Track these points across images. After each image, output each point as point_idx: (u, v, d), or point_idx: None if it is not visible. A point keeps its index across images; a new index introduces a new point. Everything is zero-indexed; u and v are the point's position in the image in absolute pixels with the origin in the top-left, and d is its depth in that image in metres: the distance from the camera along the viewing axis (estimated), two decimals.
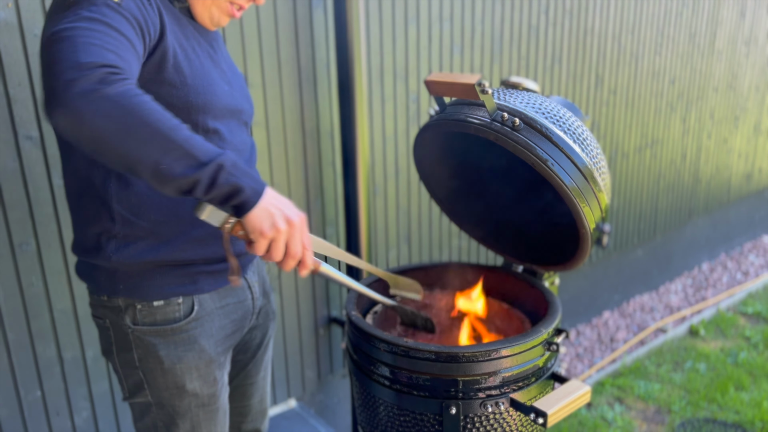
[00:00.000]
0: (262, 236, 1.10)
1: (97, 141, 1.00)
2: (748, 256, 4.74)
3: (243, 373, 1.60)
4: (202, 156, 1.02)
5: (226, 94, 1.31)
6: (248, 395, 1.64)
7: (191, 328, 1.33)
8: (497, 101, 1.21)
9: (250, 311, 1.47)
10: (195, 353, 1.34)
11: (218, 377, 1.39)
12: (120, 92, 0.99)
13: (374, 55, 2.43)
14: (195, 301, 1.33)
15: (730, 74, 4.13)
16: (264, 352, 1.62)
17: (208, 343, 1.35)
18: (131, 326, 1.31)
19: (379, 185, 2.59)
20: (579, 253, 1.27)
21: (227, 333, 1.40)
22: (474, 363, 1.13)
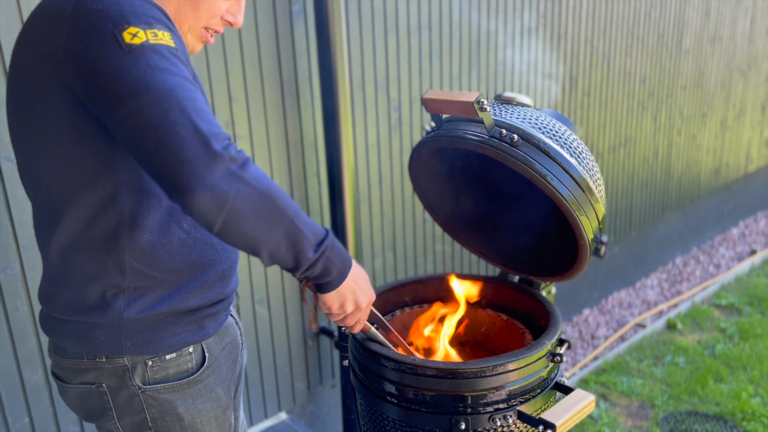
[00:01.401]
0: (329, 311, 1.20)
1: (229, 223, 0.99)
2: (719, 249, 4.86)
3: None
4: (315, 241, 1.07)
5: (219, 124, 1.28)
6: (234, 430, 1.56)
7: (205, 377, 1.26)
8: (494, 117, 1.23)
9: (240, 346, 1.41)
10: (213, 403, 1.27)
11: (233, 420, 1.34)
12: (254, 175, 0.99)
13: (355, 66, 2.43)
14: (204, 348, 1.26)
15: (697, 72, 4.24)
16: (241, 383, 1.52)
17: (222, 389, 1.29)
18: (140, 386, 1.20)
19: (363, 194, 2.60)
20: (577, 264, 1.29)
21: (234, 374, 1.35)
22: (481, 378, 1.14)
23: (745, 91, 4.78)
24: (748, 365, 3.29)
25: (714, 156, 4.68)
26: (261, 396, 2.47)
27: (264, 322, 2.41)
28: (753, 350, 3.43)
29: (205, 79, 2.07)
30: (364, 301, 1.20)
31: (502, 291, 1.53)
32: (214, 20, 1.21)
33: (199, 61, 2.04)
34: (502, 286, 1.53)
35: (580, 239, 1.22)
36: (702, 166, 4.59)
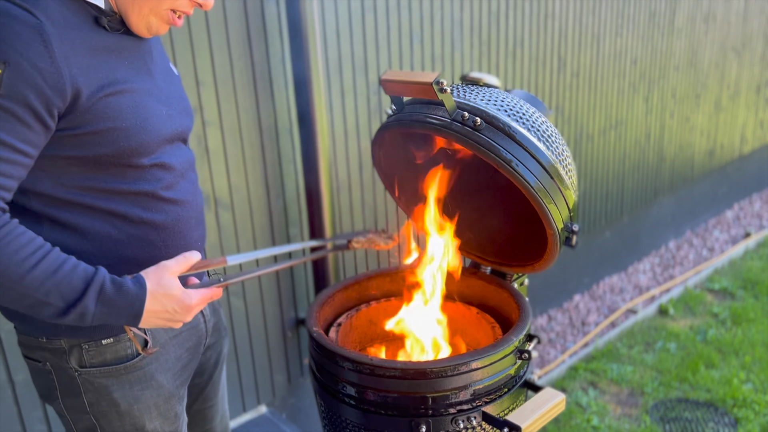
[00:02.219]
0: None
1: None
2: (713, 232, 4.79)
3: (201, 397, 1.51)
4: (61, 303, 1.04)
5: (164, 121, 1.21)
6: (209, 418, 1.55)
7: (146, 364, 1.24)
8: (457, 99, 1.15)
9: (204, 334, 1.39)
10: (153, 390, 1.25)
11: (179, 411, 1.31)
12: None
13: (331, 48, 2.34)
14: (147, 334, 1.23)
15: (690, 52, 4.14)
16: (220, 371, 1.54)
17: (165, 378, 1.26)
18: (77, 368, 1.20)
19: (343, 181, 2.52)
20: (547, 255, 1.22)
21: (184, 363, 1.32)
22: (443, 378, 1.08)
23: (740, 71, 4.68)
24: (740, 350, 3.24)
25: (708, 138, 4.60)
26: (239, 389, 2.41)
27: (240, 315, 2.34)
28: (745, 335, 3.37)
29: None
30: (183, 317, 1.14)
31: (473, 283, 1.45)
32: (179, 1, 1.16)
33: (163, 43, 1.95)
34: (473, 278, 1.45)
35: (549, 228, 1.14)
36: (696, 148, 4.51)
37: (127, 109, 1.13)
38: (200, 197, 1.34)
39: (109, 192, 1.16)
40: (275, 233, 2.37)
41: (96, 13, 1.12)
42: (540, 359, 3.37)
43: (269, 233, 2.35)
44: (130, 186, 1.17)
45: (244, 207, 2.26)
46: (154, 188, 1.20)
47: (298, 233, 2.44)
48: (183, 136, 1.29)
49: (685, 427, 2.74)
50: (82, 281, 1.05)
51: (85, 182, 1.14)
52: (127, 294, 1.08)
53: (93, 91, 1.07)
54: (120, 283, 1.08)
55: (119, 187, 1.16)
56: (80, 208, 1.14)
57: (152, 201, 1.20)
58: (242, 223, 2.27)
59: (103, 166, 1.13)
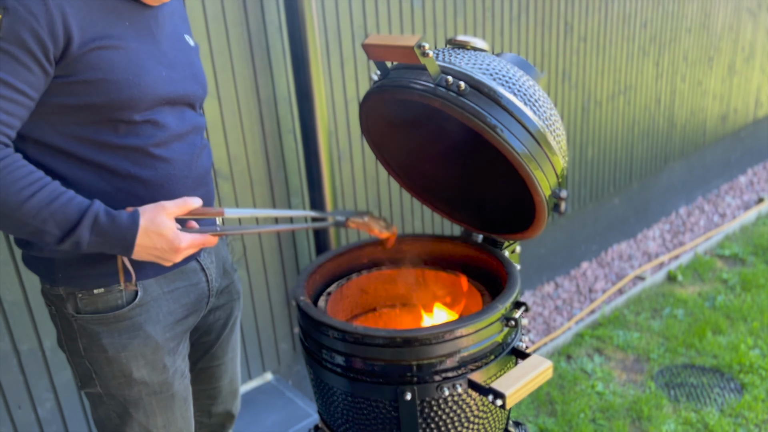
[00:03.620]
0: None
1: None
2: (725, 198, 4.73)
3: (208, 355, 1.56)
4: (57, 231, 1.12)
5: (163, 82, 1.24)
6: (216, 377, 1.61)
7: (135, 314, 1.29)
8: (441, 63, 1.13)
9: (206, 294, 1.42)
10: (140, 340, 1.30)
11: (169, 364, 1.35)
12: None
13: (329, 15, 2.31)
14: (138, 287, 1.29)
15: (702, 14, 4.03)
16: (230, 332, 1.58)
17: (154, 330, 1.31)
18: (74, 314, 1.29)
19: (344, 151, 2.50)
20: (536, 222, 1.20)
21: (177, 318, 1.36)
22: (428, 346, 1.08)
23: (755, 33, 4.56)
24: (748, 316, 3.21)
25: (721, 102, 4.51)
26: (244, 357, 2.44)
27: (243, 284, 2.36)
28: (755, 301, 3.35)
29: None
30: (171, 257, 1.19)
31: (464, 251, 1.45)
32: None
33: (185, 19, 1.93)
34: (464, 246, 1.45)
35: (536, 195, 1.13)
36: (708, 113, 4.42)
37: (120, 63, 1.17)
38: (204, 161, 1.37)
39: (100, 144, 1.20)
40: (276, 203, 2.37)
41: None
42: (546, 326, 3.38)
43: (270, 203, 2.35)
44: (121, 140, 1.21)
45: (244, 177, 2.26)
46: (145, 144, 1.23)
47: (300, 203, 2.43)
48: (188, 100, 1.32)
49: (690, 393, 2.74)
50: (77, 212, 1.13)
51: (78, 132, 1.19)
52: (120, 226, 1.15)
53: (84, 41, 1.12)
54: (114, 216, 1.15)
55: (110, 141, 1.21)
56: (73, 159, 1.20)
57: (141, 156, 1.24)
58: (242, 193, 2.27)
59: (95, 117, 1.18)
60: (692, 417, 2.59)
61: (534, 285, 3.64)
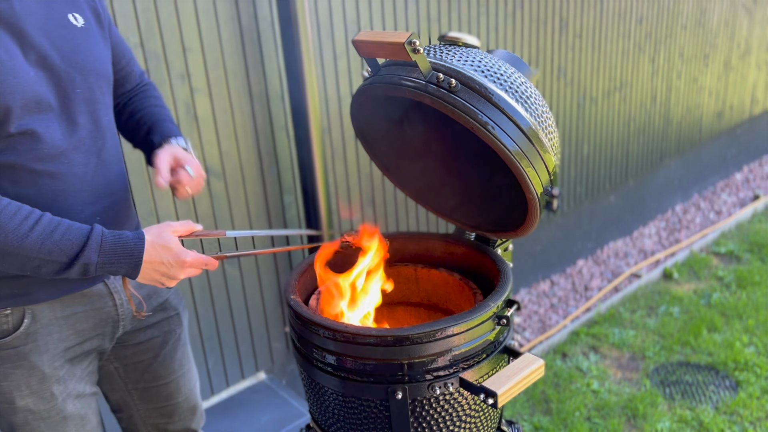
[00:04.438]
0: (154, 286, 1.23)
1: None
2: (721, 195, 4.73)
3: (149, 374, 1.48)
4: (64, 258, 1.09)
5: (33, 83, 1.11)
6: (166, 395, 1.53)
7: (19, 343, 1.22)
8: (432, 60, 1.11)
9: (113, 318, 1.34)
10: (24, 370, 1.23)
11: (57, 392, 1.28)
12: None
13: (322, 9, 2.29)
14: (26, 313, 1.22)
15: (698, 10, 4.02)
16: (173, 350, 1.50)
17: (40, 360, 1.24)
18: None
19: (338, 148, 2.49)
20: (528, 220, 1.19)
21: (70, 345, 1.29)
22: (420, 345, 1.07)
23: (750, 30, 4.55)
24: (744, 314, 3.21)
25: (717, 99, 4.50)
26: (236, 356, 2.43)
27: (235, 283, 2.35)
28: (750, 298, 3.34)
29: (154, 29, 1.94)
30: (176, 272, 1.18)
31: (456, 249, 1.43)
32: None
33: (146, 9, 1.92)
34: (457, 244, 1.43)
35: (528, 193, 1.12)
36: (704, 110, 4.41)
37: None
38: (110, 169, 1.27)
39: None
40: (269, 201, 2.35)
41: None
42: (541, 324, 3.37)
43: (263, 201, 2.34)
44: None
45: (236, 175, 2.24)
46: (23, 160, 1.13)
47: (293, 201, 2.42)
48: (76, 97, 1.18)
49: (685, 391, 2.74)
50: (81, 236, 1.11)
51: None
52: (126, 243, 1.14)
53: None
54: (119, 234, 1.14)
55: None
56: None
57: (21, 174, 1.14)
58: (235, 191, 2.25)
59: None
60: (687, 415, 2.58)
61: (530, 283, 3.63)
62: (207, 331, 2.32)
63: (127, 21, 1.89)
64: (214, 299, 2.30)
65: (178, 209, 2.14)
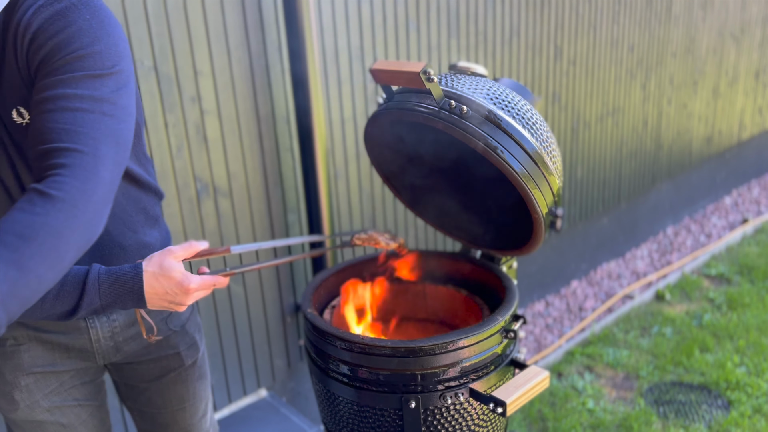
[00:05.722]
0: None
1: None
2: (711, 218, 4.82)
3: (143, 398, 1.50)
4: (68, 307, 1.10)
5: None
6: (161, 424, 1.53)
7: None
8: (444, 88, 1.18)
9: (89, 350, 1.36)
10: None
11: (19, 398, 1.32)
12: None
13: (327, 36, 2.37)
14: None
15: (687, 39, 4.15)
16: (172, 384, 1.49)
17: (3, 365, 1.30)
18: None
19: (340, 169, 2.55)
20: (533, 238, 1.26)
21: (36, 363, 1.32)
22: (432, 356, 1.12)
23: (738, 58, 4.69)
24: (734, 335, 3.28)
25: (706, 124, 4.62)
26: (239, 373, 2.46)
27: (239, 300, 2.39)
28: (740, 320, 3.41)
29: (167, 53, 2.02)
30: (182, 299, 1.17)
31: (463, 267, 1.49)
32: None
33: (160, 34, 1.99)
34: (463, 262, 1.49)
35: (534, 213, 1.18)
36: (693, 135, 4.53)
37: None
38: None
39: None
40: (273, 220, 2.41)
41: None
42: (537, 344, 3.42)
43: (268, 220, 2.39)
44: None
45: (242, 194, 2.30)
46: None
47: (296, 220, 2.48)
48: None
49: (678, 410, 2.79)
50: (78, 284, 1.11)
51: None
52: (124, 280, 1.13)
53: None
54: (116, 272, 1.14)
55: None
56: None
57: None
58: (241, 210, 2.31)
59: None
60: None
61: (525, 303, 3.69)
62: (211, 347, 2.35)
63: (142, 45, 1.96)
64: (218, 316, 2.35)
65: (186, 228, 2.19)
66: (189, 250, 1.20)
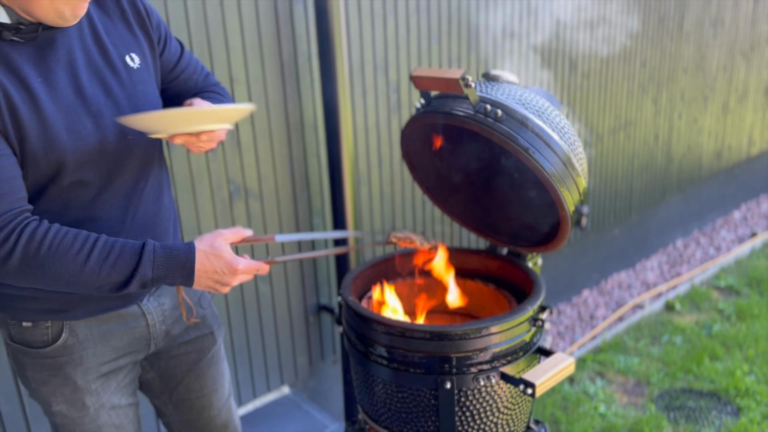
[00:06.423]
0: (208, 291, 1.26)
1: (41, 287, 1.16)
2: (720, 232, 4.89)
3: (182, 386, 1.56)
4: (122, 278, 1.15)
5: (89, 135, 1.19)
6: (198, 408, 1.59)
7: (56, 355, 1.32)
8: (480, 94, 1.28)
9: (145, 337, 1.42)
10: (59, 380, 1.33)
11: (90, 402, 1.37)
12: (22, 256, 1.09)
13: (354, 48, 2.48)
14: (65, 328, 1.31)
15: (698, 55, 4.25)
16: (207, 366, 1.56)
17: (74, 372, 1.33)
18: (8, 341, 1.34)
19: (363, 174, 2.65)
20: (560, 235, 1.35)
21: (103, 360, 1.37)
22: (466, 340, 1.21)
23: (748, 75, 4.78)
24: (744, 344, 3.34)
25: (716, 139, 4.70)
26: (264, 370, 2.55)
27: (266, 299, 2.48)
28: (749, 330, 3.48)
29: (206, 61, 2.12)
30: (229, 279, 1.22)
31: (490, 263, 1.58)
32: None
33: (200, 43, 2.10)
34: (490, 258, 1.58)
35: (562, 211, 1.27)
36: (703, 149, 4.61)
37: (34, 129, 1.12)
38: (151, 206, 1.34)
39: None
40: (300, 222, 2.51)
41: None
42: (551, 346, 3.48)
43: (294, 222, 2.49)
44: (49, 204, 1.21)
45: (271, 197, 2.40)
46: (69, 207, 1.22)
47: (320, 223, 2.57)
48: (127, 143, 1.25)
49: (689, 415, 2.85)
50: (134, 254, 1.16)
51: None
52: (178, 255, 1.19)
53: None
54: (170, 247, 1.20)
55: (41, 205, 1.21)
56: None
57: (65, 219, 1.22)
58: (270, 211, 2.41)
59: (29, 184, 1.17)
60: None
61: None
62: (238, 343, 2.44)
63: None
64: (246, 313, 2.44)
65: (219, 227, 2.29)
66: (237, 235, 1.27)
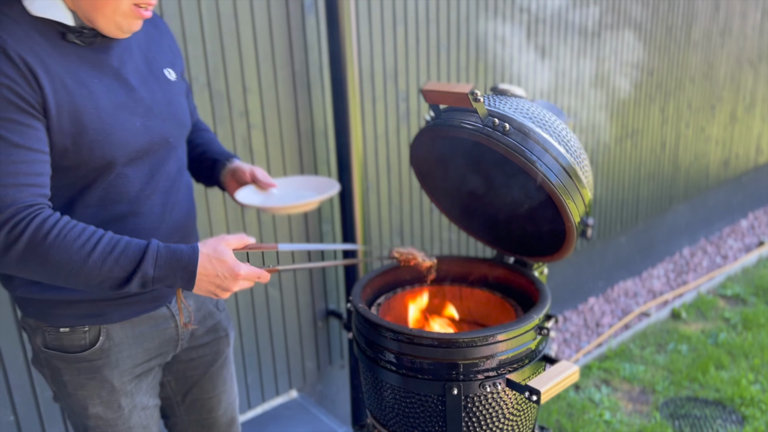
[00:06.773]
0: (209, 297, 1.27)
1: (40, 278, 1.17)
2: (727, 240, 4.90)
3: (196, 388, 1.61)
4: (124, 273, 1.16)
5: (137, 134, 1.26)
6: (209, 408, 1.64)
7: (94, 358, 1.35)
8: (488, 107, 1.32)
9: (174, 338, 1.47)
10: (97, 382, 1.37)
11: (125, 404, 1.41)
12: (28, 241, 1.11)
13: (364, 57, 2.52)
14: (102, 331, 1.35)
15: (705, 64, 4.27)
16: (220, 368, 1.62)
17: (111, 374, 1.37)
18: (41, 348, 1.36)
19: (372, 182, 2.69)
20: (565, 245, 1.38)
21: (137, 362, 1.41)
22: (473, 347, 1.24)
23: (755, 84, 4.80)
24: (749, 353, 3.35)
25: (723, 148, 4.72)
26: (273, 374, 2.59)
27: (276, 303, 2.52)
28: (755, 339, 3.49)
29: (220, 71, 2.17)
30: (230, 284, 1.23)
31: (497, 271, 1.62)
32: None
33: (214, 53, 2.14)
34: (497, 267, 1.62)
35: (568, 222, 1.31)
36: (711, 158, 4.63)
37: (92, 122, 1.18)
38: (182, 206, 1.40)
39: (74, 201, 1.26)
40: (309, 229, 2.55)
41: (62, 29, 1.18)
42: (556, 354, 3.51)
43: (304, 229, 2.53)
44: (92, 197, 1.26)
45: None
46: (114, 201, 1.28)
47: (330, 230, 2.61)
48: (166, 146, 1.33)
49: (693, 424, 2.87)
50: (138, 252, 1.17)
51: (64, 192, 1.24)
52: (181, 257, 1.19)
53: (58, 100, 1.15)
54: (174, 248, 1.20)
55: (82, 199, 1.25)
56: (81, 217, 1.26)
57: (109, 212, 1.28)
58: (280, 218, 2.45)
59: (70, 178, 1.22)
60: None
61: None
62: (248, 347, 2.48)
63: (197, 63, 2.11)
64: (256, 318, 2.48)
65: (231, 230, 2.33)
66: (241, 241, 1.28)
